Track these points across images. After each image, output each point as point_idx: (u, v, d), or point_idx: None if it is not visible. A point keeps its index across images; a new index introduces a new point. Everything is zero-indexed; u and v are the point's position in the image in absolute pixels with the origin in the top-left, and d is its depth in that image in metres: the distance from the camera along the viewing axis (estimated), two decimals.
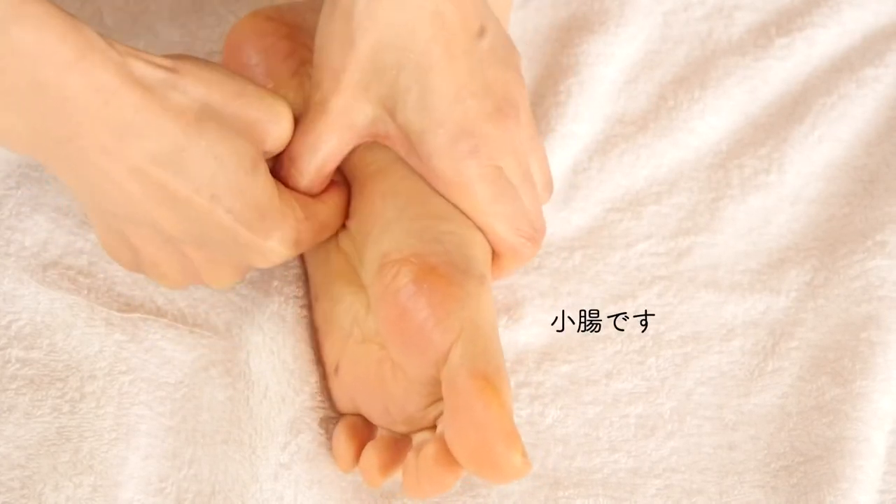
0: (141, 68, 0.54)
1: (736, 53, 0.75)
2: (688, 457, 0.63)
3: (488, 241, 0.61)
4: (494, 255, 0.61)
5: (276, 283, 0.64)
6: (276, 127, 0.58)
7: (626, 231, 0.69)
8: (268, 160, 0.59)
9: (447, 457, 0.55)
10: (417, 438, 0.58)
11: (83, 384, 0.62)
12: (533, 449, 0.62)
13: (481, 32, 0.59)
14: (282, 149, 0.59)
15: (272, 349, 0.62)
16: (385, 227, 0.59)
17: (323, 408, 0.62)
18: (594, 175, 0.71)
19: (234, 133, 0.56)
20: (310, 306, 0.64)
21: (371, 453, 0.58)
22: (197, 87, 0.55)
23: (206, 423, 0.62)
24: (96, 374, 0.62)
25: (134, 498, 0.60)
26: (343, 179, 0.63)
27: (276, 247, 0.59)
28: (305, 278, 0.65)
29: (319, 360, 0.63)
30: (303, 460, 0.60)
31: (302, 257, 0.65)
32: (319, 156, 0.60)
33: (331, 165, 0.61)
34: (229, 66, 0.66)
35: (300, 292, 0.64)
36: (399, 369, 0.58)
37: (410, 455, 0.57)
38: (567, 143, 0.71)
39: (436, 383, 0.56)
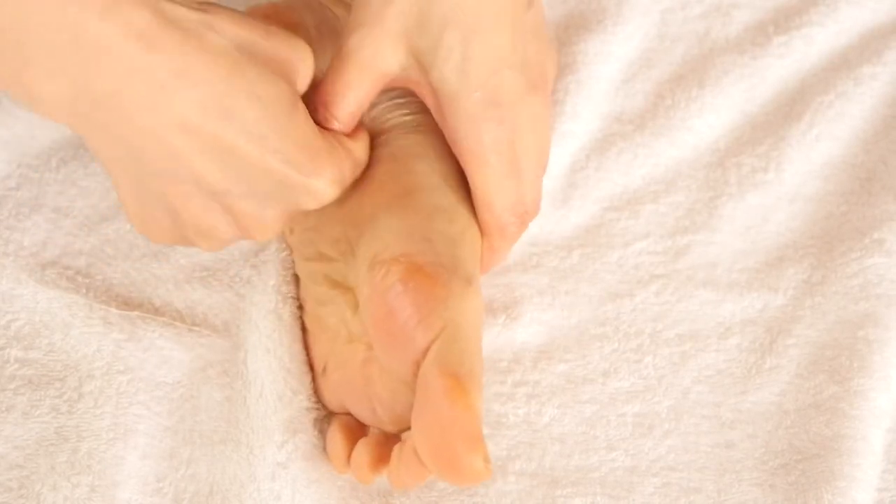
0: (174, 10, 0.51)
1: (734, 52, 0.74)
2: (685, 455, 0.63)
3: (479, 217, 0.61)
4: (482, 235, 0.61)
5: (273, 282, 0.64)
6: (303, 65, 0.56)
7: (624, 230, 0.69)
8: None
9: None
10: (406, 435, 0.58)
11: (81, 384, 0.62)
12: (530, 448, 0.63)
13: (530, 3, 0.59)
14: (306, 88, 0.57)
15: (268, 348, 0.62)
16: (377, 226, 0.59)
17: (319, 407, 0.62)
18: (592, 174, 0.71)
19: (270, 72, 0.54)
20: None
21: (362, 450, 0.58)
22: (231, 27, 0.53)
23: (203, 423, 0.62)
24: (94, 373, 0.62)
25: (132, 498, 0.60)
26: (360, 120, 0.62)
27: (326, 186, 0.57)
28: None
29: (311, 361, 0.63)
30: (300, 459, 0.60)
31: None
32: (353, 99, 0.59)
33: (364, 108, 0.60)
34: None
35: (297, 292, 0.64)
36: (385, 370, 0.57)
37: (397, 448, 0.57)
38: (565, 142, 0.71)
39: None
